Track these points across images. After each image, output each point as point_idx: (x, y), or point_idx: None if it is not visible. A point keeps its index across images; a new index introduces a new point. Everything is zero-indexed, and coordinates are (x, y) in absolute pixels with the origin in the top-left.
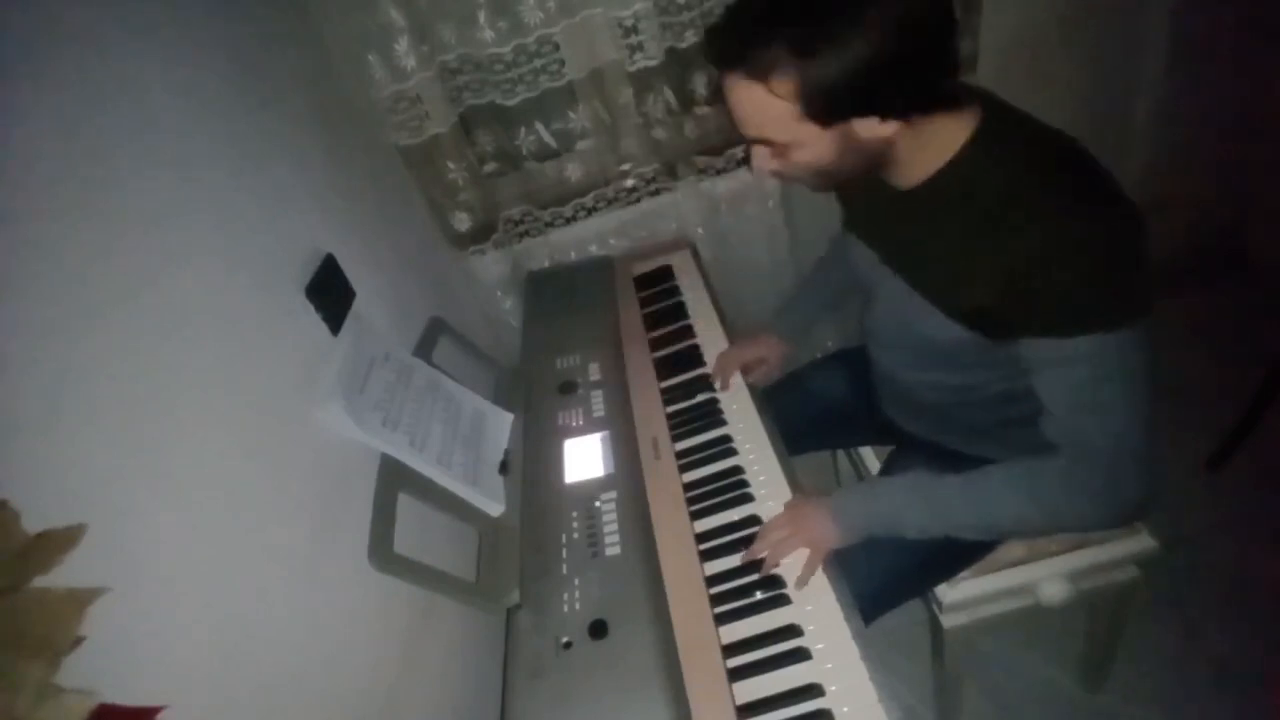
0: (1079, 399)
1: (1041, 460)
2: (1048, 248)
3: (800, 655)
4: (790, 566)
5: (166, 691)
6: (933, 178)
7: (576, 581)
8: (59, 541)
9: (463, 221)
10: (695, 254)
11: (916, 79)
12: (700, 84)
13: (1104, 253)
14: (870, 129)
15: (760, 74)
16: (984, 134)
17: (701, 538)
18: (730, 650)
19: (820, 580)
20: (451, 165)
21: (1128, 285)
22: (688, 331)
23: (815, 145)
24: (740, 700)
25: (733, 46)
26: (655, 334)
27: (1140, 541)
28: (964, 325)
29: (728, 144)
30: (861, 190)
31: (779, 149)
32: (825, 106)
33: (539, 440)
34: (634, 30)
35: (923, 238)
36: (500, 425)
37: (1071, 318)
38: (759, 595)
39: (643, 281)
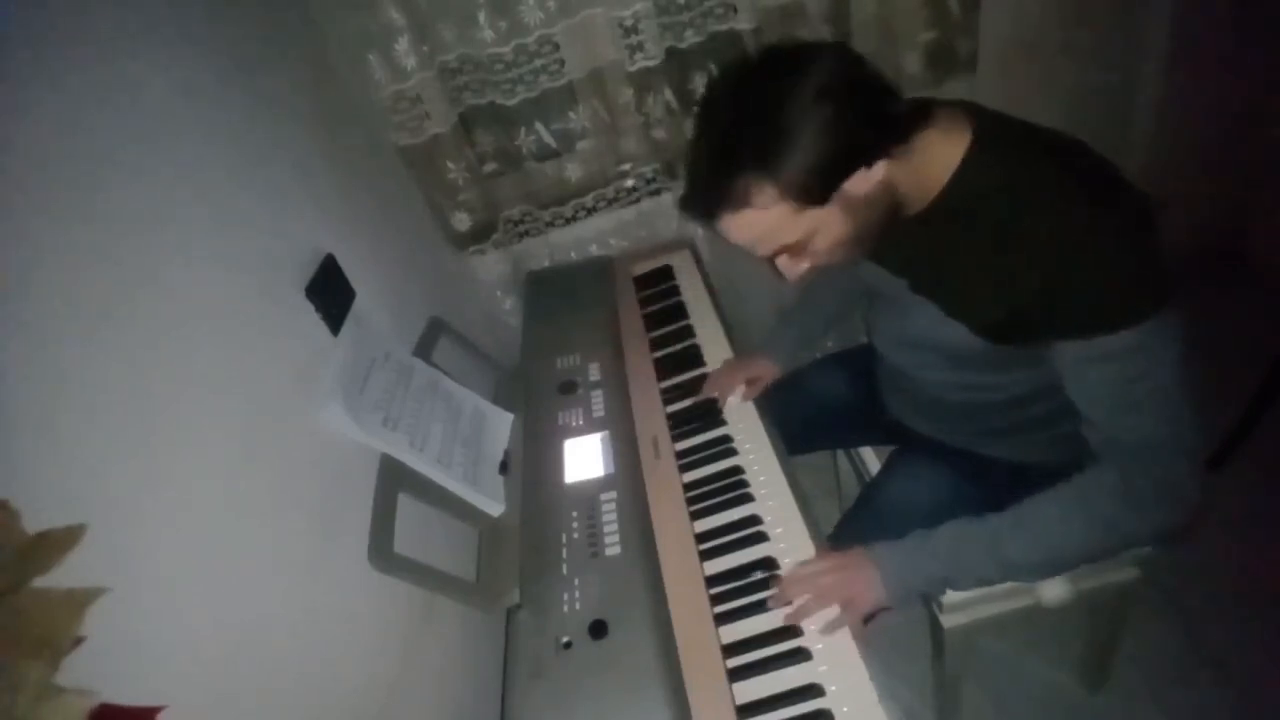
0: (1116, 400)
1: (1089, 475)
2: (1060, 250)
3: (800, 655)
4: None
5: (166, 691)
6: (939, 198)
7: (576, 581)
8: (59, 541)
9: (463, 221)
10: (695, 254)
11: (868, 119)
12: (700, 84)
13: (1115, 247)
14: (863, 182)
15: (742, 203)
16: (980, 145)
17: (701, 538)
18: (730, 650)
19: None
20: (451, 165)
21: (1143, 276)
22: (688, 331)
23: (829, 224)
24: (740, 700)
25: (709, 199)
26: (655, 334)
27: None
28: (993, 339)
29: None
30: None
31: (797, 248)
32: (813, 189)
33: (539, 440)
34: (634, 30)
35: (941, 259)
36: (500, 425)
37: (1093, 316)
38: (761, 594)
39: (643, 281)
